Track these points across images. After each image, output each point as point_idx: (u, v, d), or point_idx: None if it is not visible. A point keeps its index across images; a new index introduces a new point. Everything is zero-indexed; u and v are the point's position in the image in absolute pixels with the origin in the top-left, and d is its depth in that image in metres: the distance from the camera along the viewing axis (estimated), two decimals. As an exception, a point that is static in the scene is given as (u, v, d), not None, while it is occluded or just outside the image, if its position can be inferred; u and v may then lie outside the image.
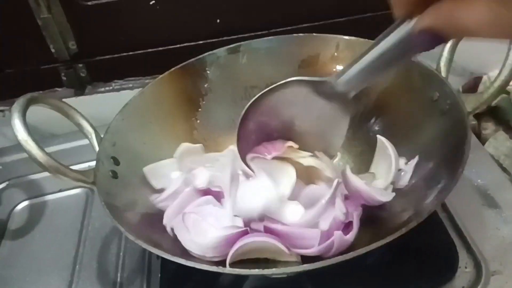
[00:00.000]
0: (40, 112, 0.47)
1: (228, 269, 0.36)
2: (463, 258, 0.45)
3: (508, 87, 0.75)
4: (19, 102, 0.42)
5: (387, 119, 0.50)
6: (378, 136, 0.48)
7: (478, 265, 0.44)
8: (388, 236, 0.34)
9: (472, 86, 0.79)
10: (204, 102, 0.56)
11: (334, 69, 0.53)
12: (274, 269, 0.35)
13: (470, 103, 0.43)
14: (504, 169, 0.74)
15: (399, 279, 0.44)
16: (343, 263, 0.42)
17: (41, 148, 0.40)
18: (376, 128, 0.51)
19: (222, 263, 0.39)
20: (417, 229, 0.44)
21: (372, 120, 0.51)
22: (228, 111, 0.55)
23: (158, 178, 0.49)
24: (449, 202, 0.50)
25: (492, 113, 0.78)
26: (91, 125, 0.48)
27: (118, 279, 0.49)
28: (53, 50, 0.70)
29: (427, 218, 0.45)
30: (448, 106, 0.44)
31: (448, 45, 0.48)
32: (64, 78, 0.73)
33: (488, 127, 0.78)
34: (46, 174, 0.61)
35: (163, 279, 0.47)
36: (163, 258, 0.47)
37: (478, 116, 0.80)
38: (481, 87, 0.79)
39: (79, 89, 0.75)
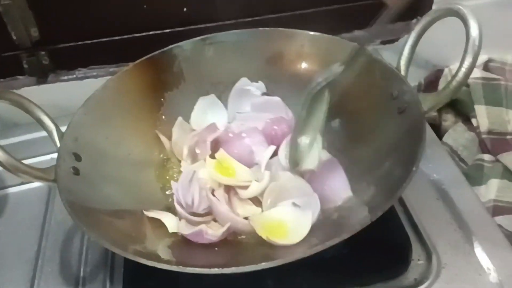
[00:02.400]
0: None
1: (181, 268, 0.37)
2: (417, 251, 0.47)
3: (468, 80, 0.79)
4: (-23, 98, 0.41)
5: (348, 114, 0.51)
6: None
7: (430, 257, 0.47)
8: (343, 234, 0.36)
9: (434, 78, 0.81)
10: (168, 96, 0.56)
11: (300, 66, 0.54)
12: (233, 267, 0.36)
13: (427, 102, 0.45)
14: (462, 160, 0.77)
15: (356, 272, 0.46)
16: (306, 259, 0.44)
17: (0, 147, 0.39)
18: (338, 124, 0.52)
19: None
20: (374, 223, 0.46)
21: (329, 118, 0.53)
22: (193, 102, 0.55)
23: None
24: (405, 196, 0.52)
25: (452, 105, 0.80)
26: (52, 121, 0.48)
27: (81, 274, 0.50)
28: (14, 37, 0.68)
29: (385, 213, 0.47)
30: (406, 104, 0.46)
31: (409, 44, 0.49)
32: (26, 66, 0.72)
33: (448, 118, 0.81)
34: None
35: (126, 273, 0.48)
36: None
37: (439, 108, 0.82)
38: (442, 80, 0.81)
39: (42, 77, 0.73)
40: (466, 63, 0.42)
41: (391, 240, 0.48)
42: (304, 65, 0.54)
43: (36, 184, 0.60)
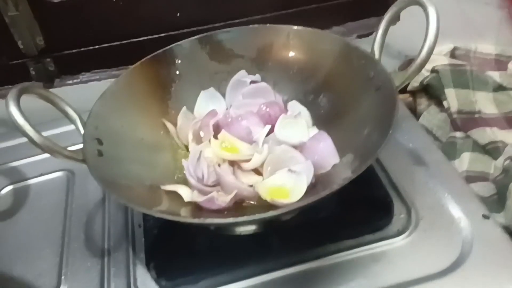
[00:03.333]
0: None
1: (189, 219, 0.44)
2: (398, 207, 0.55)
3: (437, 66, 0.87)
4: (13, 91, 0.47)
5: (332, 95, 0.59)
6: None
7: (409, 212, 0.54)
8: (330, 188, 0.43)
9: (407, 67, 0.88)
10: (174, 88, 0.63)
11: (288, 55, 0.61)
12: (245, 216, 0.43)
13: (398, 79, 0.52)
14: (437, 138, 0.84)
15: (348, 226, 0.53)
16: (303, 217, 0.51)
17: (37, 131, 0.46)
18: (324, 102, 0.59)
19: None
20: (361, 186, 0.54)
21: (321, 96, 0.60)
22: (196, 95, 0.62)
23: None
24: (386, 163, 0.59)
25: (425, 90, 0.88)
26: (76, 111, 0.54)
27: (106, 246, 0.56)
28: (21, 46, 0.73)
29: (369, 177, 0.55)
30: (381, 83, 0.53)
31: (380, 31, 0.57)
32: (33, 73, 0.76)
33: (422, 102, 0.88)
34: (26, 160, 0.68)
35: (147, 243, 0.54)
36: (144, 225, 0.55)
37: (413, 94, 0.90)
38: (414, 68, 0.89)
39: (48, 83, 0.78)
40: (427, 43, 0.50)
41: (375, 199, 0.56)
42: (291, 54, 0.62)
43: (55, 174, 0.66)
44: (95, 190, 0.62)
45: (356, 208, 0.54)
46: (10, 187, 0.66)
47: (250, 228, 0.54)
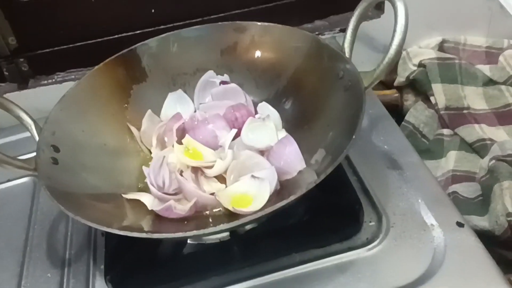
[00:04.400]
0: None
1: (148, 235, 0.42)
2: (368, 214, 0.52)
3: (424, 60, 0.83)
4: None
5: (302, 95, 0.56)
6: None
7: (380, 219, 0.52)
8: (291, 195, 0.41)
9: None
10: (139, 90, 0.60)
11: (254, 55, 0.59)
12: (194, 231, 0.41)
13: (367, 78, 0.50)
14: (424, 136, 0.81)
15: (315, 234, 0.51)
16: (269, 225, 0.49)
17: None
18: (291, 104, 0.57)
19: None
20: (330, 192, 0.51)
21: (289, 97, 0.57)
22: (159, 95, 0.60)
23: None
24: (359, 167, 0.57)
25: (412, 85, 0.85)
26: (30, 117, 0.52)
27: (67, 256, 0.54)
28: (-7, 46, 0.71)
29: (339, 182, 0.52)
30: (350, 83, 0.51)
31: (350, 27, 0.54)
32: (6, 73, 0.75)
33: (409, 98, 0.86)
34: (-8, 165, 0.66)
35: (107, 253, 0.52)
36: (107, 235, 0.53)
37: (400, 89, 0.87)
38: (401, 62, 0.86)
39: (22, 83, 0.76)
40: (396, 41, 0.47)
41: (345, 206, 0.53)
42: (257, 53, 0.59)
43: (22, 180, 0.64)
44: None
45: (325, 215, 0.52)
46: (-25, 194, 0.64)
47: (215, 237, 0.52)
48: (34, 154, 0.50)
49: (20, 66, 0.75)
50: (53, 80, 0.78)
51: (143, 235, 0.41)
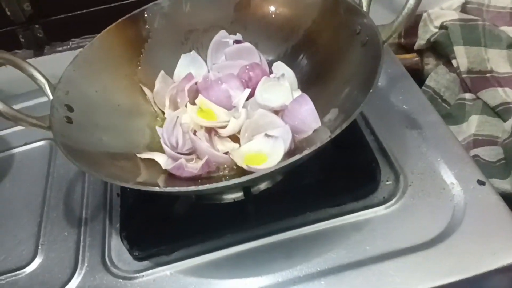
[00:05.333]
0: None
1: (162, 189, 0.42)
2: (386, 173, 0.51)
3: (446, 22, 0.80)
4: (-27, 58, 0.45)
5: (317, 51, 0.54)
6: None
7: (397, 178, 0.50)
8: (305, 150, 0.40)
9: (413, 24, 0.83)
10: (151, 50, 0.60)
11: (267, 12, 0.57)
12: (207, 185, 0.40)
13: (385, 32, 0.48)
14: (445, 101, 0.79)
15: (331, 193, 0.50)
16: (284, 185, 0.48)
17: (1, 100, 0.44)
18: (306, 61, 0.55)
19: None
20: (346, 151, 0.50)
21: (304, 54, 0.56)
22: (171, 54, 0.59)
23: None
24: (376, 126, 0.55)
25: (433, 48, 0.82)
26: (44, 76, 0.52)
27: (83, 216, 0.55)
28: (8, 13, 0.72)
29: (355, 140, 0.51)
30: (367, 37, 0.49)
31: (369, -18, 0.52)
32: (22, 40, 0.75)
33: (430, 62, 0.83)
34: (10, 130, 0.67)
35: (122, 212, 0.52)
36: (122, 195, 0.53)
37: (421, 52, 0.84)
38: (421, 24, 0.83)
39: (38, 50, 0.77)
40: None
41: (361, 165, 0.52)
42: (272, 8, 0.58)
43: (39, 143, 0.65)
44: (78, 159, 0.61)
45: (341, 174, 0.51)
46: (-7, 157, 0.65)
47: (230, 196, 0.51)
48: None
49: (36, 33, 0.76)
50: (68, 46, 0.78)
51: (156, 189, 0.41)
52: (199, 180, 0.48)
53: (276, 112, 0.52)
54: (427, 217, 0.47)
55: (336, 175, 0.51)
